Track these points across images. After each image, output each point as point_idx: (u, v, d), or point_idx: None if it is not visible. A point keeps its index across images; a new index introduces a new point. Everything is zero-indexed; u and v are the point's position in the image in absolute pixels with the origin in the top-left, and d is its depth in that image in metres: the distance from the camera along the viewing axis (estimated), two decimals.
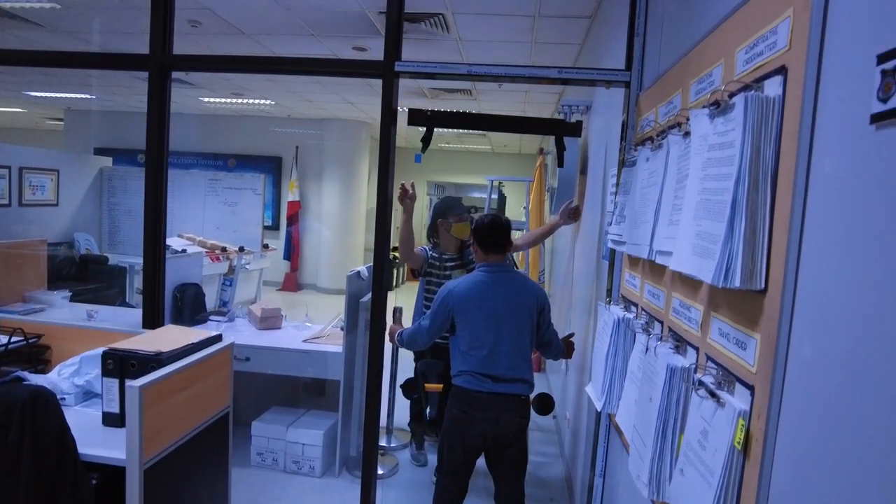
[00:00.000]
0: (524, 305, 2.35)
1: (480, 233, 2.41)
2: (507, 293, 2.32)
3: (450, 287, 2.37)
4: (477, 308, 2.30)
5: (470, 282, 2.35)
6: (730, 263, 1.02)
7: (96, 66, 2.97)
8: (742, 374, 1.06)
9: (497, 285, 2.33)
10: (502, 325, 2.29)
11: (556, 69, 2.23)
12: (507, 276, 2.38)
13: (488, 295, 2.31)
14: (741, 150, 1.02)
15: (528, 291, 2.39)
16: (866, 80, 0.78)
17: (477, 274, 2.38)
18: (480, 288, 2.32)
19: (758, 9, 1.12)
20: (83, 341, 2.56)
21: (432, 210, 3.28)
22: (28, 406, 1.70)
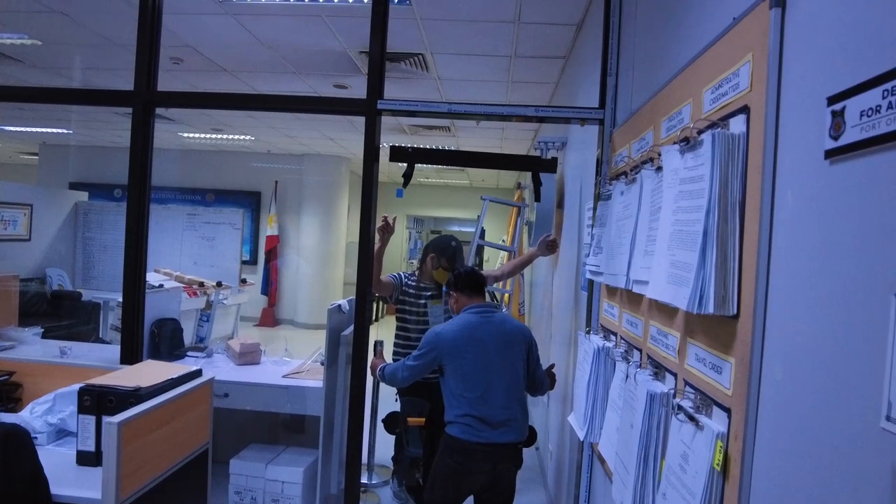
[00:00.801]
0: (514, 343, 2.36)
1: (461, 280, 2.47)
2: (497, 332, 2.34)
3: (437, 331, 2.38)
4: (468, 349, 2.30)
5: (458, 324, 2.37)
6: (703, 290, 1.08)
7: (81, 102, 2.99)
8: (719, 398, 1.10)
9: (486, 324, 2.35)
10: (493, 364, 2.29)
11: (532, 107, 2.32)
12: (494, 315, 2.41)
13: (478, 335, 2.32)
14: (710, 183, 1.08)
15: (517, 330, 2.42)
16: (820, 119, 0.85)
17: (464, 316, 2.39)
18: (470, 329, 2.33)
19: (722, 52, 1.21)
20: (56, 378, 2.50)
21: (434, 241, 3.28)
22: (0, 445, 1.66)
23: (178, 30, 3.87)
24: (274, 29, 3.80)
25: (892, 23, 0.73)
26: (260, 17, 3.63)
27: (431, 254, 3.15)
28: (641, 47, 2.02)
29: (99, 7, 3.58)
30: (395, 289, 3.16)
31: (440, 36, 3.71)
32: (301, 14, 3.52)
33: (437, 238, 3.33)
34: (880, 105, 0.72)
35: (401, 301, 3.18)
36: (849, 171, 0.79)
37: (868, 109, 0.74)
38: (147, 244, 2.61)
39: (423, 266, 3.21)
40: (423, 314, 3.13)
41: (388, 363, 2.67)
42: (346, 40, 3.91)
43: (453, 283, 2.50)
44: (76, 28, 3.93)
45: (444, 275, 3.13)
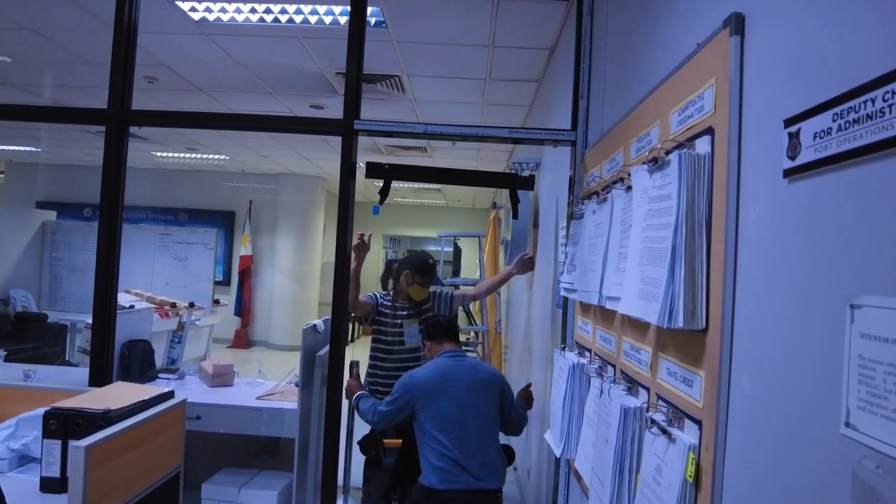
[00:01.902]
0: (487, 387, 2.39)
1: (431, 328, 2.53)
2: (469, 375, 2.37)
3: (413, 375, 2.41)
4: (441, 391, 2.32)
5: (432, 369, 2.40)
6: (672, 305, 1.11)
7: (53, 120, 2.95)
8: (690, 410, 1.13)
9: (458, 368, 2.39)
10: (467, 405, 2.30)
11: (506, 129, 2.36)
12: (467, 360, 2.47)
13: (451, 376, 2.35)
14: (678, 201, 1.12)
15: (489, 374, 2.47)
16: (778, 140, 0.89)
17: (437, 360, 2.44)
18: (443, 372, 2.37)
19: (687, 76, 1.26)
20: (20, 402, 2.41)
21: (406, 258, 3.27)
22: None
23: (154, 49, 3.86)
24: (250, 49, 3.81)
25: (839, 50, 0.78)
26: (236, 38, 3.65)
27: (405, 271, 3.13)
28: (612, 72, 2.09)
29: (72, 25, 3.55)
30: (371, 309, 3.14)
31: (416, 58, 3.77)
32: (277, 35, 3.55)
33: (409, 255, 3.32)
34: (831, 127, 0.76)
35: (376, 321, 3.15)
36: (805, 189, 0.83)
37: (820, 131, 0.79)
38: (118, 264, 2.56)
39: (398, 285, 3.19)
40: (399, 334, 3.11)
41: (364, 393, 2.66)
42: (323, 61, 3.95)
43: (426, 333, 2.57)
44: (48, 46, 3.89)
45: (420, 291, 3.13)
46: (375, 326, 3.16)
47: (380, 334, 3.15)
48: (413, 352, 3.11)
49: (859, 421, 0.68)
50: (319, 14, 3.28)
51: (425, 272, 3.12)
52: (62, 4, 3.25)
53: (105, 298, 2.48)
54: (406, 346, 3.11)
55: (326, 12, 3.25)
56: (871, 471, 0.66)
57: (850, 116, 0.73)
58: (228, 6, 3.25)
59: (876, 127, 0.68)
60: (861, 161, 0.71)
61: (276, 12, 3.28)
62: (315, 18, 3.33)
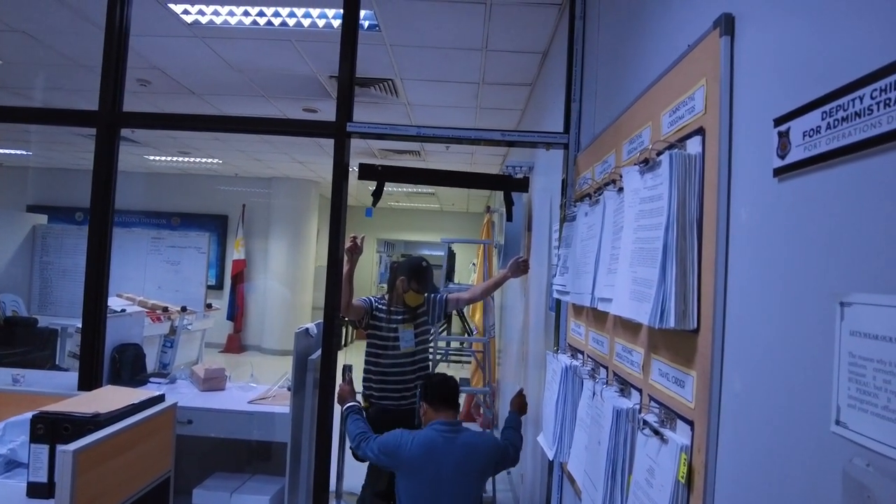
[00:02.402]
0: (473, 471, 2.27)
1: (431, 390, 2.36)
2: (457, 458, 2.24)
3: (401, 446, 2.27)
4: (422, 471, 2.23)
5: (421, 442, 2.26)
6: (664, 305, 1.11)
7: (43, 122, 2.92)
8: (682, 411, 1.13)
9: (448, 447, 2.24)
10: (443, 492, 2.22)
11: (499, 132, 2.37)
12: (459, 437, 2.28)
13: (436, 458, 2.23)
14: (669, 201, 1.12)
15: (480, 454, 2.30)
16: (768, 139, 0.89)
17: (429, 433, 2.27)
18: (429, 451, 2.23)
19: (678, 78, 1.26)
20: (7, 406, 2.39)
21: (404, 263, 3.23)
22: None
23: (146, 51, 3.85)
24: (243, 52, 3.80)
25: (828, 49, 0.78)
26: (229, 41, 3.64)
27: (402, 276, 3.12)
28: (604, 75, 2.09)
29: (63, 27, 3.54)
30: (365, 313, 3.11)
31: (409, 62, 3.78)
32: (270, 38, 3.54)
33: (406, 260, 3.30)
34: (820, 126, 0.77)
35: (371, 326, 3.13)
36: (795, 187, 0.83)
37: (809, 130, 0.79)
38: (109, 267, 2.54)
39: (394, 290, 3.17)
40: (394, 338, 3.10)
41: (355, 407, 2.55)
42: (316, 65, 3.94)
43: (424, 393, 2.39)
44: (39, 48, 3.87)
45: (415, 297, 3.12)
46: (370, 331, 3.14)
47: (374, 339, 3.13)
48: (408, 356, 3.10)
49: (850, 419, 0.68)
50: (312, 17, 3.28)
51: (420, 279, 3.11)
52: (53, 6, 3.23)
53: (95, 302, 2.46)
54: (401, 350, 3.09)
55: (319, 15, 3.25)
56: (861, 468, 0.66)
57: (839, 114, 0.73)
58: (221, 9, 3.24)
59: (864, 124, 0.68)
60: (849, 159, 0.71)
61: (268, 15, 3.28)
62: (308, 21, 3.33)
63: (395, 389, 3.07)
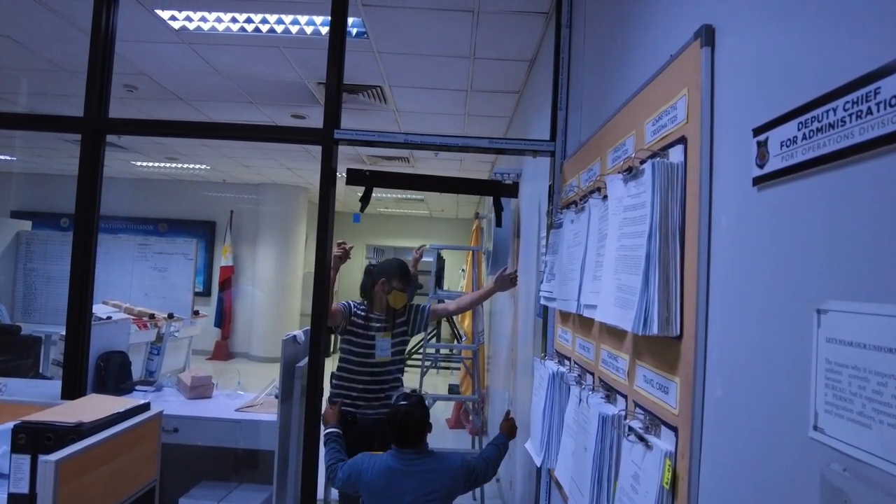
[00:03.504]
0: (434, 497, 2.20)
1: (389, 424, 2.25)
2: (416, 484, 2.19)
3: (362, 470, 2.23)
4: (381, 496, 2.19)
5: (380, 468, 2.22)
6: (647, 312, 1.12)
7: (27, 128, 2.89)
8: (666, 417, 1.14)
9: (406, 475, 2.20)
10: None
11: (486, 139, 2.38)
12: (421, 464, 2.23)
13: (395, 486, 2.19)
14: (651, 209, 1.13)
15: (443, 478, 2.23)
16: (748, 148, 0.91)
17: (390, 460, 2.23)
18: (388, 478, 2.19)
19: (661, 87, 1.28)
20: None
21: (380, 266, 3.07)
22: None
23: (133, 57, 3.83)
24: (231, 58, 3.80)
25: (804, 61, 0.80)
26: (216, 47, 3.63)
27: (381, 279, 2.99)
28: (589, 83, 2.11)
29: (49, 32, 3.51)
30: (343, 318, 2.98)
31: (398, 69, 3.79)
32: (258, 45, 3.54)
33: (381, 262, 3.12)
34: (796, 136, 0.78)
35: (348, 332, 3.00)
36: (773, 196, 0.85)
37: (786, 140, 0.80)
38: (94, 274, 2.52)
39: (373, 294, 3.03)
40: (370, 346, 2.97)
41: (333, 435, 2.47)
42: (304, 71, 3.94)
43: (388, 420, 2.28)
44: (24, 53, 3.84)
45: (400, 297, 3.00)
46: (347, 336, 3.01)
47: (350, 345, 2.99)
48: (382, 366, 2.98)
49: (826, 424, 0.69)
50: (301, 24, 3.28)
51: (403, 276, 3.00)
52: (39, 11, 3.21)
53: (80, 309, 2.43)
54: (376, 359, 2.97)
55: (308, 22, 3.26)
56: (838, 474, 0.67)
57: (814, 125, 0.74)
58: (209, 15, 3.24)
59: (838, 136, 0.69)
60: (824, 169, 0.73)
61: (256, 22, 3.28)
62: (296, 28, 3.33)
63: (365, 399, 2.96)
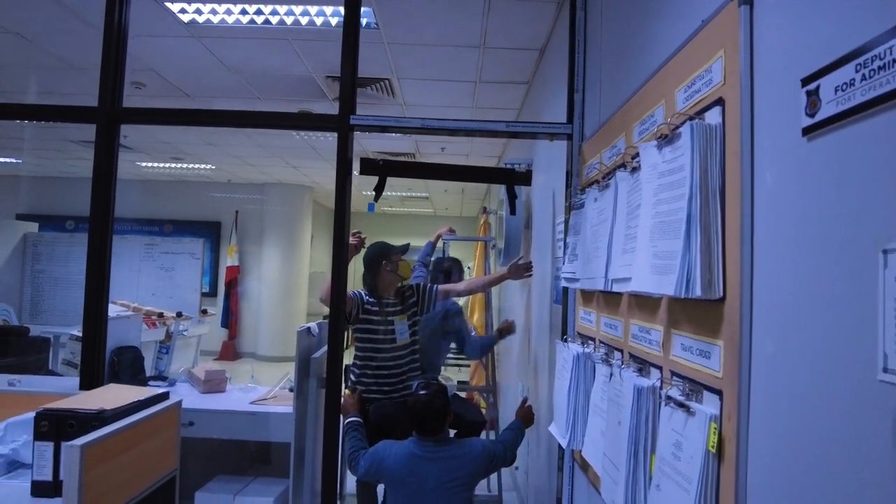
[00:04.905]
0: (458, 483, 2.24)
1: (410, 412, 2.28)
2: (439, 471, 2.22)
3: (384, 457, 2.27)
4: (405, 485, 2.22)
5: (402, 455, 2.24)
6: (689, 275, 1.10)
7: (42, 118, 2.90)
8: (709, 382, 1.12)
9: (428, 462, 2.22)
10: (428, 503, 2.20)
11: (503, 123, 2.37)
12: (442, 451, 2.25)
13: (417, 473, 2.21)
14: (691, 171, 1.12)
15: (465, 464, 2.26)
16: (794, 100, 0.90)
17: (411, 447, 2.25)
18: (410, 465, 2.22)
19: (692, 53, 1.27)
20: (7, 407, 2.34)
21: (369, 254, 3.05)
22: None
23: (142, 53, 3.82)
24: (240, 52, 3.79)
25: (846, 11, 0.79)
26: (226, 41, 3.62)
27: (381, 261, 2.99)
28: (607, 65, 2.10)
29: (58, 28, 3.51)
30: (354, 306, 2.94)
31: (407, 60, 3.78)
32: (268, 37, 3.53)
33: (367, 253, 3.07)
34: (854, 78, 0.77)
35: (362, 320, 2.97)
36: (826, 144, 0.84)
37: (842, 84, 0.79)
38: (109, 266, 2.51)
39: (378, 281, 3.01)
40: (390, 331, 2.97)
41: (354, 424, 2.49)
42: (313, 64, 3.94)
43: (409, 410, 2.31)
44: (32, 50, 3.83)
45: (405, 266, 3.06)
46: (361, 325, 2.98)
47: (368, 333, 2.98)
48: (404, 348, 3.00)
49: None
50: (311, 15, 3.28)
51: (397, 249, 3.04)
52: (48, 6, 3.21)
53: (96, 301, 2.42)
54: (397, 343, 2.98)
55: (318, 13, 3.25)
56: None
57: (874, 65, 0.73)
58: (219, 7, 3.23)
59: None
60: (889, 106, 0.71)
61: (266, 14, 3.27)
62: (306, 20, 3.32)
63: (390, 382, 2.98)
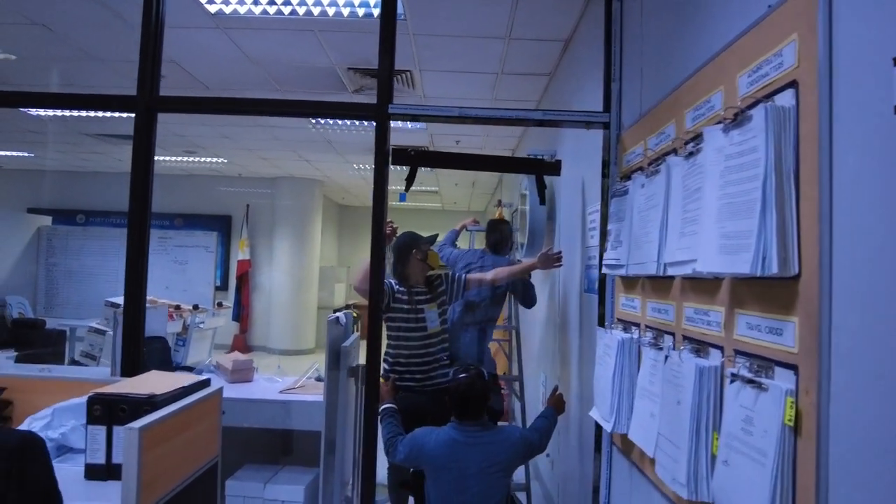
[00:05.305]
0: (498, 469, 2.28)
1: (451, 397, 2.32)
2: (480, 456, 2.26)
3: (424, 442, 2.31)
4: (446, 470, 2.25)
5: (442, 440, 2.27)
6: (765, 253, 1.13)
7: (81, 107, 2.91)
8: (781, 358, 1.15)
9: (469, 447, 2.26)
10: (468, 491, 2.24)
11: (540, 111, 2.40)
12: (483, 436, 2.30)
13: (458, 459, 2.24)
14: (765, 153, 1.14)
15: (505, 450, 2.32)
16: (885, 78, 0.92)
17: (452, 433, 2.29)
18: (452, 452, 2.25)
19: (758, 38, 1.29)
20: (51, 394, 2.37)
21: (399, 243, 3.11)
22: (16, 454, 1.55)
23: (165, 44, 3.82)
24: (264, 44, 3.80)
25: None
26: (251, 32, 3.64)
27: (411, 251, 3.05)
28: (649, 55, 2.11)
29: (84, 19, 3.52)
30: (386, 295, 2.98)
31: (430, 52, 3.79)
32: (293, 28, 3.55)
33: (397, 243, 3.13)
34: None
35: (393, 309, 3.03)
36: None
37: None
38: (147, 253, 2.55)
39: (408, 270, 3.07)
40: (421, 320, 3.03)
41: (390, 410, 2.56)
42: (336, 56, 3.95)
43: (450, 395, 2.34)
44: (57, 42, 3.84)
45: (433, 255, 3.12)
46: (392, 314, 3.04)
47: (399, 322, 3.04)
48: (435, 336, 3.06)
49: None
50: (339, 6, 3.29)
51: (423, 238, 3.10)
52: None
53: (136, 287, 2.46)
54: (428, 331, 3.05)
55: (346, 3, 3.26)
56: None
57: None
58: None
59: None
60: None
61: (294, 4, 3.28)
62: (333, 10, 3.33)
63: (422, 370, 3.04)
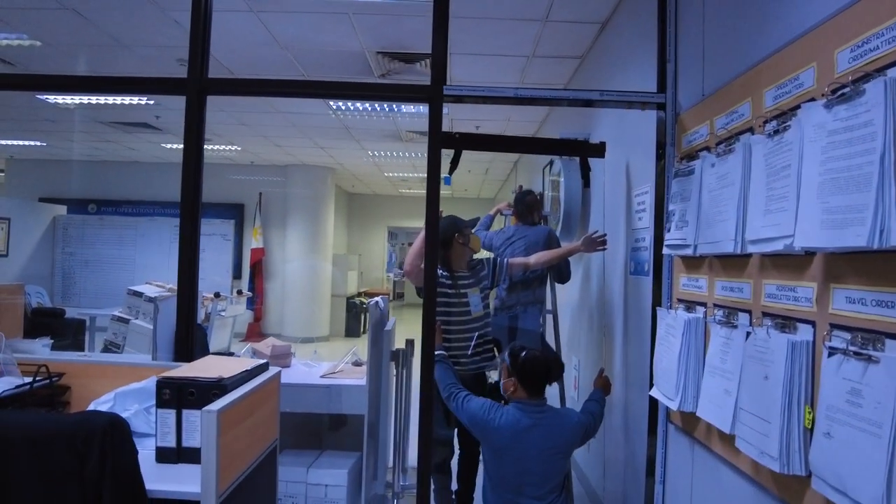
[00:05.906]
0: (557, 450, 2.31)
1: (527, 368, 2.29)
2: (542, 437, 2.28)
3: (489, 419, 2.32)
4: (509, 451, 2.28)
5: (507, 421, 2.30)
6: (882, 226, 1.13)
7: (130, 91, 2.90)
8: (894, 330, 1.16)
9: (533, 428, 2.28)
10: (529, 471, 2.27)
11: (597, 91, 2.38)
12: (545, 417, 2.31)
13: (521, 440, 2.27)
14: (884, 127, 1.14)
15: (565, 432, 2.35)
16: None
17: (516, 413, 2.30)
18: (514, 433, 2.28)
19: (861, 15, 1.28)
20: (107, 379, 2.38)
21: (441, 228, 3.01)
22: (108, 435, 1.57)
23: None
24: (296, 27, 3.77)
25: None
26: (285, 15, 3.60)
27: (453, 235, 3.08)
28: (712, 35, 2.10)
29: (113, 4, 3.48)
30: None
31: (465, 35, 3.77)
32: (328, 11, 3.52)
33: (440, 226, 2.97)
34: None
35: (438, 294, 2.98)
36: None
37: None
38: (199, 239, 2.56)
39: (452, 253, 3.11)
40: (465, 304, 3.08)
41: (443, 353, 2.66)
42: (367, 39, 3.92)
43: (517, 367, 2.31)
44: (86, 27, 3.80)
45: (475, 239, 3.17)
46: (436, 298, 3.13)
47: (443, 306, 3.07)
48: (478, 320, 3.12)
49: None
50: None
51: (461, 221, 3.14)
52: None
53: (189, 274, 2.46)
54: (472, 315, 3.10)
55: None
56: None
57: None
58: None
59: None
60: None
61: None
62: None
63: (465, 354, 3.09)
